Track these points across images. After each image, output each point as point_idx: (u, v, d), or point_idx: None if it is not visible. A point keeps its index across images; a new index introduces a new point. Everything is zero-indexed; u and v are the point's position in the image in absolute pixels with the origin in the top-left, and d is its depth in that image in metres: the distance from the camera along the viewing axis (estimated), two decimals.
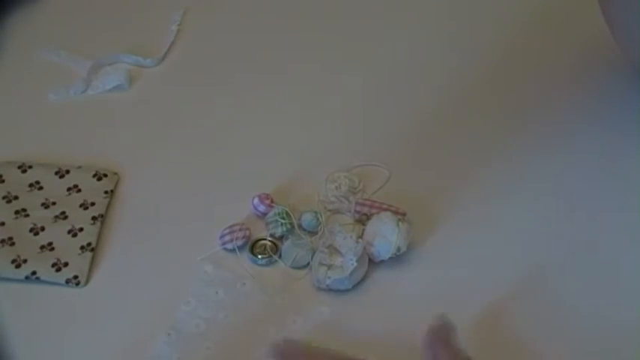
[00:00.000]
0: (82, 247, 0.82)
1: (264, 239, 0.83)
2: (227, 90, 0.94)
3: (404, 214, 0.83)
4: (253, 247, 0.82)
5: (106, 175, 0.87)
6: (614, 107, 0.91)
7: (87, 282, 0.81)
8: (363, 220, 0.83)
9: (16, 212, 0.84)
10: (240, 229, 0.82)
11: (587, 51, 0.96)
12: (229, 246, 0.82)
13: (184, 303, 0.79)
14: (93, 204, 0.85)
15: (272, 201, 0.84)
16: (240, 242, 0.82)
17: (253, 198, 0.84)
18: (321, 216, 0.83)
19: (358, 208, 0.84)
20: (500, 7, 1.00)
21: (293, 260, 0.81)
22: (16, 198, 0.85)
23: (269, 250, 0.82)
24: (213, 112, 0.93)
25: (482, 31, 0.99)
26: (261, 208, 0.84)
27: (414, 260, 0.82)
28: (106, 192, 0.86)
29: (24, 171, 0.87)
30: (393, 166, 0.87)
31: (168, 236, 0.83)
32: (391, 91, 0.94)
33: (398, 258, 0.80)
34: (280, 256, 0.82)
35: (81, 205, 0.85)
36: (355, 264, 0.78)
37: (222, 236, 0.82)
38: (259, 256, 0.82)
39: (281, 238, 0.83)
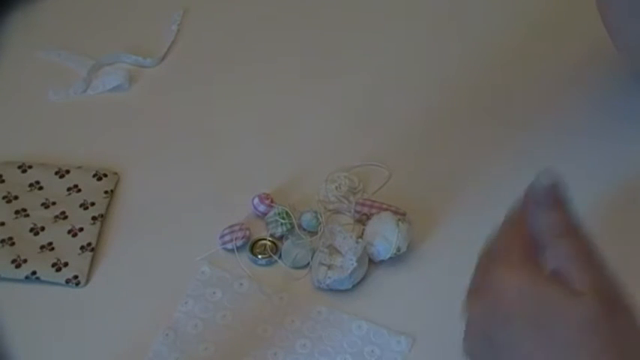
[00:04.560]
0: (82, 247, 0.82)
1: (264, 239, 0.83)
2: (227, 90, 0.94)
3: (404, 214, 0.83)
4: (253, 247, 0.82)
5: (106, 175, 0.87)
6: (614, 109, 0.91)
7: (87, 282, 0.81)
8: (363, 220, 0.83)
9: (16, 212, 0.84)
10: (240, 229, 0.82)
11: (587, 55, 0.96)
12: (229, 246, 0.82)
13: (182, 304, 0.79)
14: (93, 204, 0.85)
15: (272, 201, 0.84)
16: (240, 242, 0.82)
17: (253, 198, 0.84)
18: (321, 216, 0.83)
19: (358, 208, 0.84)
20: (502, 11, 1.00)
21: (293, 260, 0.81)
22: (16, 198, 0.85)
23: (269, 250, 0.82)
24: (213, 112, 0.93)
25: (483, 34, 0.99)
26: (261, 208, 0.84)
27: (414, 260, 0.82)
28: (106, 192, 0.86)
29: (24, 171, 0.87)
30: (393, 166, 0.87)
31: (168, 236, 0.83)
32: (391, 91, 0.94)
33: (398, 258, 0.80)
34: (280, 256, 0.82)
35: (81, 205, 0.85)
36: (355, 264, 0.78)
37: (222, 236, 0.82)
38: (259, 256, 0.82)
39: (281, 238, 0.83)
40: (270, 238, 0.83)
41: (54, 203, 0.85)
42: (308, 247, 0.81)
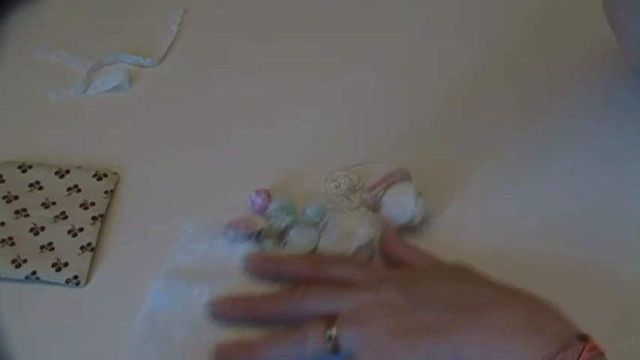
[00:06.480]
0: (82, 247, 0.82)
1: (270, 228, 0.82)
2: (227, 90, 0.94)
3: (407, 173, 0.83)
4: (259, 234, 0.82)
5: (106, 175, 0.87)
6: (618, 105, 0.91)
7: (87, 282, 0.81)
8: (375, 203, 0.83)
9: (16, 212, 0.84)
10: (245, 224, 0.82)
11: (591, 52, 0.96)
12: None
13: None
14: (93, 204, 0.85)
15: (269, 195, 0.84)
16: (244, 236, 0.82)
17: (252, 196, 0.84)
18: (325, 206, 0.83)
19: (367, 194, 0.83)
20: (506, 8, 1.00)
21: (300, 248, 0.81)
22: (16, 198, 0.85)
23: (275, 237, 0.82)
24: (213, 112, 0.93)
25: (485, 31, 0.99)
26: (260, 203, 0.83)
27: None
28: (106, 192, 0.86)
29: (24, 171, 0.87)
30: (392, 165, 0.87)
31: (168, 236, 0.83)
32: (391, 89, 0.95)
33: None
34: (286, 244, 0.81)
35: (81, 205, 0.85)
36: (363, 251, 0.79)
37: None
38: (265, 242, 0.81)
39: (285, 230, 0.82)
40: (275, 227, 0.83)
41: (54, 203, 0.85)
42: (314, 234, 0.81)
